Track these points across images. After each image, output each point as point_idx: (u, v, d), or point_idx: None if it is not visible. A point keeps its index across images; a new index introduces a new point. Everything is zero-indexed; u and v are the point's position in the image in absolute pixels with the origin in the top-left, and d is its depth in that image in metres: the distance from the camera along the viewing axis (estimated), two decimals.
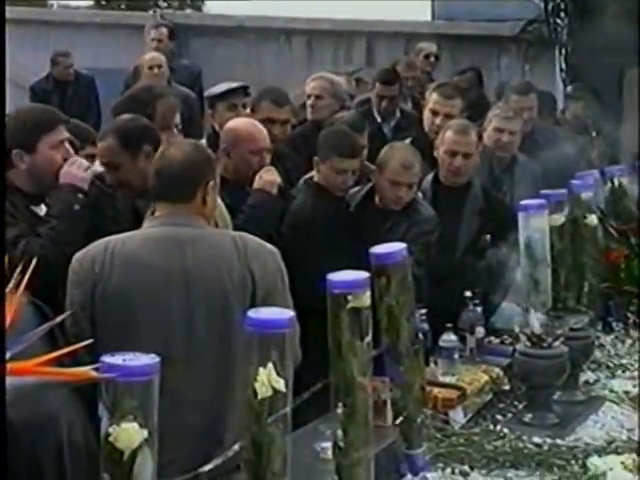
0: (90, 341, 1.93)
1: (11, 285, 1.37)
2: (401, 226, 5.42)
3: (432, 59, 9.56)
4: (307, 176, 5.76)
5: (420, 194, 5.79)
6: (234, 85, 6.61)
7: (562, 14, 9.96)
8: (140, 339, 3.62)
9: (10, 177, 4.36)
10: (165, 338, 3.71)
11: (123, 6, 24.71)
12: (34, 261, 1.48)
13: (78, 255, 3.87)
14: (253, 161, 5.37)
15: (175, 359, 3.61)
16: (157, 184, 4.01)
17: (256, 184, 5.29)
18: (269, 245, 4.01)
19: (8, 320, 1.35)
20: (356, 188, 5.80)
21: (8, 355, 1.33)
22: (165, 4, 24.57)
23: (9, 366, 1.32)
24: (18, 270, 1.43)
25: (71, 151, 4.59)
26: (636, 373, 4.74)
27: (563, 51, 9.97)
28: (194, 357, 3.75)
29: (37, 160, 4.44)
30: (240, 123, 5.59)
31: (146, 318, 3.77)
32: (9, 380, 1.32)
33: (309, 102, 7.30)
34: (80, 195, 4.48)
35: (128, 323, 3.76)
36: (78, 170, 4.55)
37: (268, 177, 5.33)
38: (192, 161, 4.01)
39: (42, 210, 4.47)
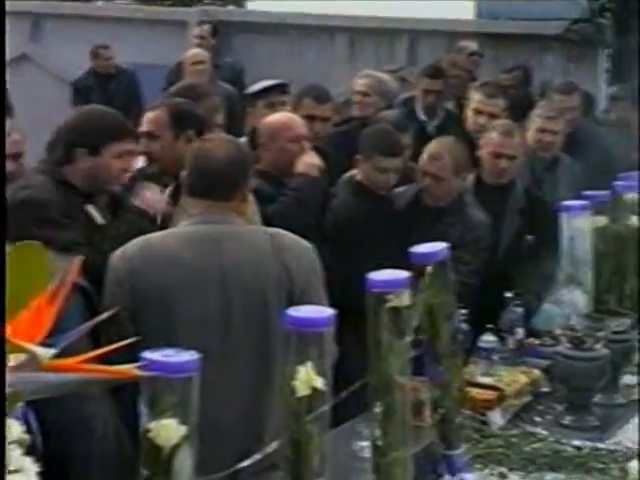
0: (135, 339, 1.93)
1: (57, 282, 1.37)
2: (453, 228, 5.39)
3: (475, 57, 9.52)
4: (348, 174, 5.76)
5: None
6: (272, 82, 6.62)
7: (607, 14, 9.93)
8: (178, 337, 3.64)
9: (66, 172, 4.38)
10: (202, 336, 3.71)
11: (167, 2, 24.80)
12: (78, 260, 1.47)
13: (117, 253, 3.88)
14: (292, 149, 5.35)
15: (212, 357, 3.61)
16: (197, 182, 4.01)
17: (298, 168, 5.29)
18: (304, 241, 4.01)
19: (54, 317, 1.36)
20: (403, 188, 5.79)
21: (54, 352, 1.34)
22: (209, 0, 24.62)
23: (53, 363, 1.33)
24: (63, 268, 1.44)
25: (133, 164, 4.61)
26: None
27: (608, 51, 9.93)
28: (231, 355, 3.76)
29: (98, 164, 4.42)
30: (275, 116, 5.59)
31: (183, 316, 3.78)
32: (52, 377, 1.33)
33: (355, 99, 7.30)
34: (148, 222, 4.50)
35: (166, 321, 3.77)
36: (153, 197, 4.59)
37: (309, 160, 5.33)
38: (235, 161, 4.02)
39: (93, 210, 4.45)
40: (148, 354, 2.35)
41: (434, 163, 5.60)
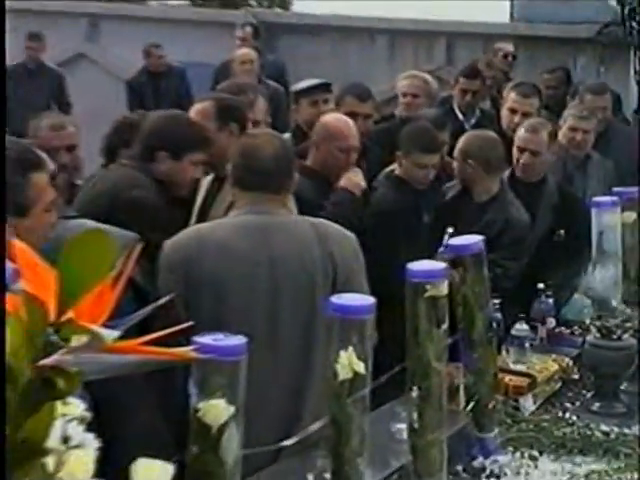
0: (189, 324, 1.94)
1: (116, 271, 1.38)
2: (494, 225, 5.39)
3: (510, 59, 9.51)
4: (388, 169, 5.76)
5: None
6: (316, 82, 6.60)
7: (638, 17, 9.89)
8: (228, 322, 3.64)
9: (151, 169, 4.42)
10: (251, 321, 3.72)
11: (215, 4, 24.85)
12: (138, 248, 1.48)
13: (170, 242, 3.88)
14: (340, 158, 5.31)
15: (260, 341, 3.66)
16: (246, 175, 4.00)
17: (342, 182, 5.28)
18: (347, 231, 4.02)
19: (112, 304, 1.37)
20: (452, 182, 5.80)
21: (116, 334, 1.35)
22: (256, 3, 24.65)
23: (113, 345, 1.34)
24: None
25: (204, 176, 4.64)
26: None
27: (638, 53, 9.89)
28: (278, 339, 3.78)
29: (177, 168, 4.46)
30: (333, 119, 5.50)
31: (234, 302, 3.79)
32: (113, 358, 1.34)
33: (404, 100, 7.24)
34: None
35: (216, 307, 3.78)
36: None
37: (354, 178, 5.31)
38: (281, 156, 4.02)
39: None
40: (199, 338, 2.36)
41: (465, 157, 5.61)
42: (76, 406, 1.40)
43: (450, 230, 4.66)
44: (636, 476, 3.44)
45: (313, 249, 3.87)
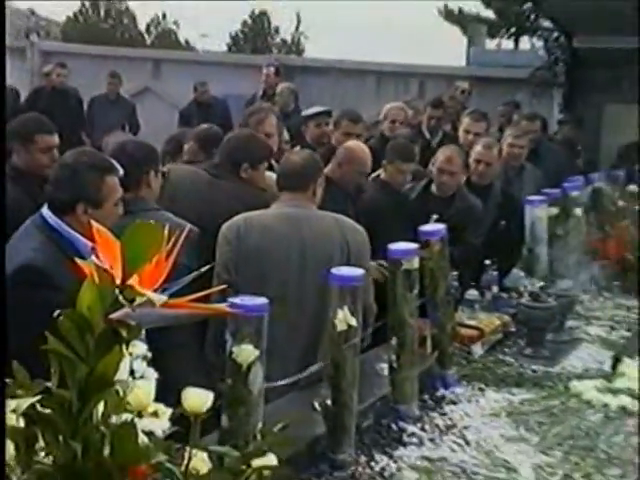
0: (224, 286, 1.93)
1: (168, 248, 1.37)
2: (459, 213, 5.35)
3: (466, 93, 9.51)
4: (374, 174, 5.73)
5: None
6: (320, 109, 6.60)
7: (561, 64, 9.93)
8: (267, 284, 3.66)
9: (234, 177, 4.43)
10: (284, 285, 3.74)
11: (248, 51, 24.89)
12: (186, 230, 1.47)
13: (227, 223, 3.91)
14: (357, 177, 5.25)
15: (290, 301, 3.70)
16: (282, 179, 4.05)
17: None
18: (359, 225, 4.03)
19: (166, 272, 1.36)
20: (411, 184, 5.77)
21: (165, 298, 1.33)
22: (277, 50, 24.66)
23: (168, 301, 1.33)
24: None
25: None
26: (605, 322, 4.69)
27: (560, 90, 9.94)
28: (303, 300, 3.77)
29: (257, 177, 4.49)
30: (358, 147, 5.36)
31: (271, 270, 3.80)
32: (164, 312, 1.33)
33: (388, 124, 7.28)
34: None
35: (258, 272, 3.79)
36: None
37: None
38: (307, 164, 4.05)
39: None
40: (233, 299, 2.37)
41: (450, 163, 5.55)
42: (139, 347, 1.39)
43: (435, 217, 4.62)
44: (557, 402, 3.44)
45: (333, 236, 3.87)
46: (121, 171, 3.43)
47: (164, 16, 29.32)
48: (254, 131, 4.92)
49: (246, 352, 2.35)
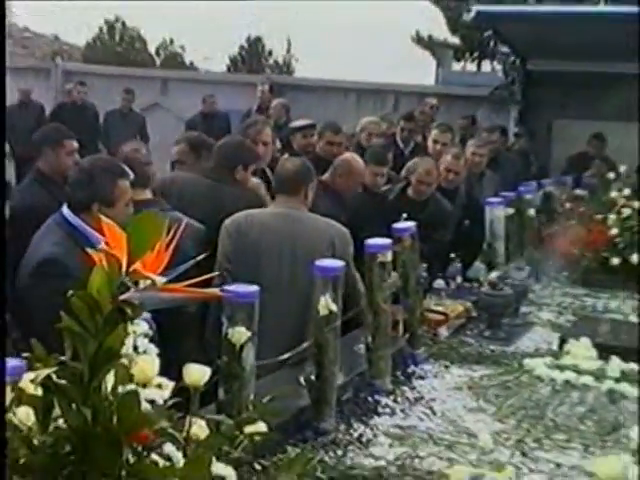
0: (217, 273, 1.92)
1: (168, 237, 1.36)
2: (431, 215, 5.30)
3: (434, 109, 9.52)
4: None
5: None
6: (307, 122, 6.59)
7: (516, 84, 9.97)
8: (261, 273, 3.65)
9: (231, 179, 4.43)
10: (276, 275, 3.73)
11: (245, 71, 24.87)
12: (182, 226, 1.46)
13: (229, 220, 3.92)
14: (354, 186, 5.23)
15: (282, 288, 3.69)
16: (278, 184, 4.06)
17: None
18: (343, 227, 4.02)
19: (166, 260, 1.35)
20: (389, 185, 5.75)
21: (165, 280, 1.33)
22: (270, 70, 24.66)
23: (166, 286, 1.33)
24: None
25: None
26: (554, 307, 4.70)
27: (515, 107, 9.99)
28: (293, 288, 3.76)
29: (246, 177, 4.50)
30: (355, 161, 5.31)
31: (266, 261, 3.79)
32: (164, 295, 1.33)
33: (365, 136, 7.22)
34: None
35: (255, 263, 3.78)
36: None
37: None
38: (300, 171, 4.04)
39: None
40: (228, 287, 2.37)
41: (428, 175, 5.53)
42: (142, 326, 1.39)
43: (404, 215, 4.60)
44: (511, 377, 3.44)
45: (322, 233, 3.86)
46: (132, 176, 3.43)
47: (171, 41, 29.31)
48: (254, 140, 4.95)
49: (239, 334, 2.35)
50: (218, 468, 1.41)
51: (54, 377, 1.27)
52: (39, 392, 1.30)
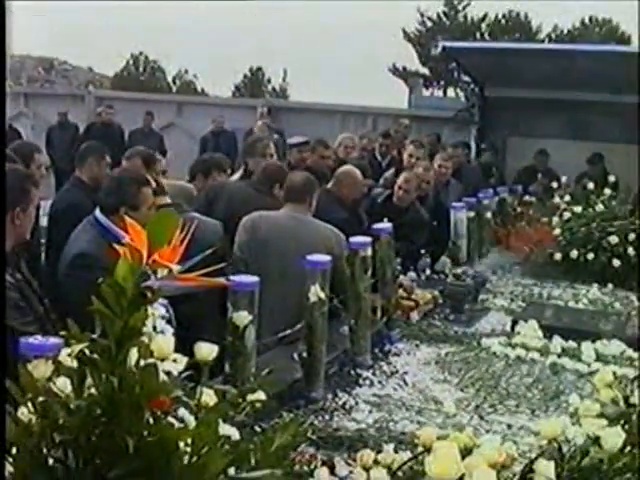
0: (224, 264, 1.91)
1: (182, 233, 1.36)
2: (411, 219, 5.27)
3: (407, 128, 9.50)
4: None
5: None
6: (301, 139, 6.58)
7: (476, 107, 9.97)
8: (269, 264, 3.68)
9: None
10: (283, 266, 3.70)
11: (247, 95, 24.84)
12: (194, 225, 1.46)
13: (245, 218, 3.94)
14: (357, 195, 5.14)
15: (288, 278, 3.65)
16: (287, 193, 4.08)
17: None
18: (340, 232, 3.98)
19: (180, 252, 1.35)
20: (379, 190, 5.67)
21: (180, 268, 1.33)
22: (268, 95, 24.63)
23: (181, 276, 1.32)
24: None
25: None
26: (507, 295, 4.70)
27: (475, 127, 10.00)
28: (295, 277, 3.73)
29: (279, 193, 4.43)
30: (355, 172, 5.18)
31: (274, 254, 3.79)
32: (179, 284, 1.32)
33: (342, 149, 7.14)
34: None
35: (264, 256, 3.79)
36: None
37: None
38: (306, 182, 4.07)
39: None
40: (233, 277, 2.36)
41: (407, 184, 5.48)
42: (160, 310, 1.38)
43: (385, 220, 4.57)
44: (472, 354, 3.44)
45: (321, 234, 3.86)
46: (154, 184, 3.43)
47: (186, 71, 29.42)
48: (262, 154, 5.08)
49: (242, 317, 2.35)
50: (224, 429, 1.40)
51: (87, 352, 1.27)
52: (75, 364, 1.29)
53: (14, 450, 1.30)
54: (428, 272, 4.87)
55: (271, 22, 39.53)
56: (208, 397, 1.54)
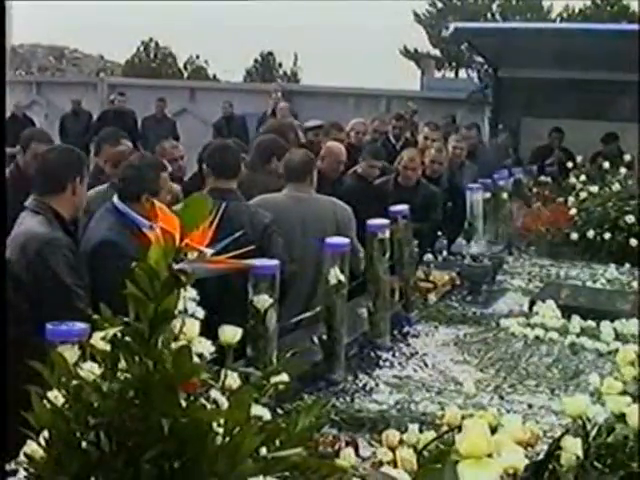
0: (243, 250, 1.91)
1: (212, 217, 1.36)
2: (421, 198, 5.20)
3: (415, 112, 9.49)
4: (352, 170, 5.66)
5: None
6: (316, 122, 6.58)
7: (489, 88, 9.89)
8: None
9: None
10: (289, 247, 3.70)
11: (259, 80, 24.78)
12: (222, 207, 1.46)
13: (253, 201, 3.90)
14: (336, 167, 5.15)
15: (296, 260, 3.66)
16: (288, 172, 4.06)
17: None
18: (347, 205, 4.02)
19: (209, 236, 1.35)
20: (384, 177, 5.66)
21: (212, 251, 1.34)
22: (281, 80, 24.55)
23: (211, 258, 1.33)
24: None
25: None
26: (525, 276, 4.69)
27: (489, 107, 9.92)
28: (304, 259, 3.76)
29: (278, 166, 4.44)
30: (335, 146, 5.28)
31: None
32: (208, 266, 1.33)
33: (353, 134, 7.10)
34: None
35: None
36: None
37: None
38: (305, 160, 4.07)
39: None
40: (254, 261, 2.35)
41: (412, 162, 5.47)
42: (191, 292, 1.39)
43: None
44: (490, 335, 3.43)
45: (328, 212, 3.89)
46: (170, 168, 3.45)
47: (197, 56, 29.34)
48: (281, 138, 4.95)
49: (263, 300, 2.35)
50: (256, 409, 1.41)
51: (120, 335, 1.28)
52: (107, 348, 1.31)
53: (46, 434, 1.32)
54: (445, 254, 4.86)
55: (282, 5, 39.30)
56: (232, 380, 1.55)
